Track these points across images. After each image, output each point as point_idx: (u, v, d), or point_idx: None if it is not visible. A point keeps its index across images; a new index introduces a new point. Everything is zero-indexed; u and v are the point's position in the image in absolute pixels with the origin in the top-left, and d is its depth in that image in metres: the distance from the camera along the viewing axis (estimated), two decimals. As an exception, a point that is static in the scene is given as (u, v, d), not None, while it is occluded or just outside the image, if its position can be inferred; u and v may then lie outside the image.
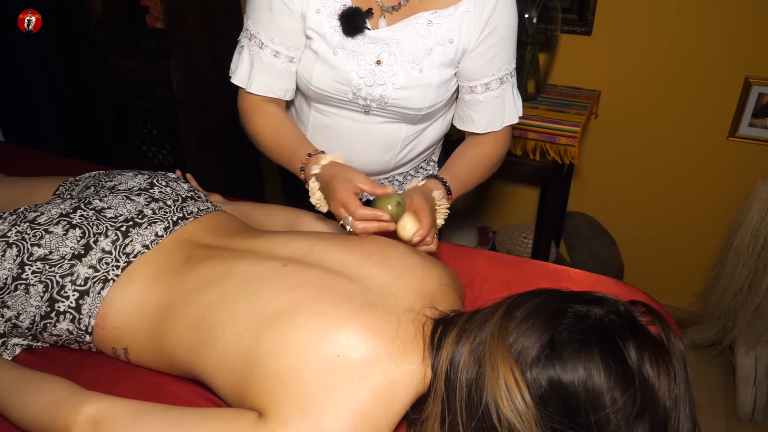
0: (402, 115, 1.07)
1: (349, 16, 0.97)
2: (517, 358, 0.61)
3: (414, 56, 1.00)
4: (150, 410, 0.71)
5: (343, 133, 1.11)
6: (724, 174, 1.90)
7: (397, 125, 1.10)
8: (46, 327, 0.86)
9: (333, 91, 1.04)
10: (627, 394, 0.57)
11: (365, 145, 1.12)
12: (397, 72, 1.01)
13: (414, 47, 1.00)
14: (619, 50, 1.87)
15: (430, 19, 0.99)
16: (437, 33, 1.00)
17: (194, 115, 2.21)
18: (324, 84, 1.03)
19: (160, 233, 0.92)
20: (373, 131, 1.10)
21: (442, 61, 1.02)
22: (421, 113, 1.06)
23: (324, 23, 0.98)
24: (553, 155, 1.70)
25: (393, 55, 1.00)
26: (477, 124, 1.10)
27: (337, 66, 1.00)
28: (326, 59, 1.01)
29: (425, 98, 1.04)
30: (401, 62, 1.01)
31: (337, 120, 1.10)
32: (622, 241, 2.17)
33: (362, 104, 1.05)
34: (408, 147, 1.15)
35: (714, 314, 1.95)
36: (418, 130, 1.13)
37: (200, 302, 0.79)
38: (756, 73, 1.74)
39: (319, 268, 0.79)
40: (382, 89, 1.01)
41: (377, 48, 1.00)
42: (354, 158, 1.12)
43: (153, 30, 2.06)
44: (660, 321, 0.64)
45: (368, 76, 1.00)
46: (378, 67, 1.00)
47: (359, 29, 0.98)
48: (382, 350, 0.68)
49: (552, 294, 0.68)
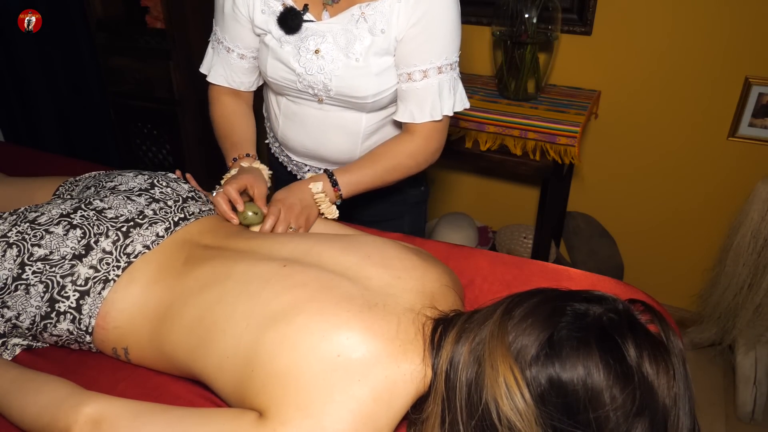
0: (351, 103, 1.11)
1: (284, 17, 1.06)
2: (517, 357, 0.61)
3: (348, 45, 1.06)
4: (150, 410, 0.71)
5: (308, 121, 1.18)
6: (724, 174, 1.90)
7: (355, 114, 1.14)
8: (47, 327, 0.86)
9: (284, 81, 1.12)
10: (626, 391, 0.57)
11: (328, 134, 1.18)
12: (335, 60, 1.07)
13: (349, 38, 1.06)
14: (619, 50, 1.87)
15: (363, 11, 1.04)
16: (369, 23, 1.05)
17: (194, 114, 2.21)
18: (276, 74, 1.12)
19: (161, 234, 0.92)
20: (333, 119, 1.15)
21: (376, 51, 1.06)
22: (368, 101, 1.10)
23: (269, 21, 1.09)
24: (553, 155, 1.70)
25: (329, 44, 1.07)
26: (402, 114, 1.11)
27: (283, 57, 1.09)
28: (275, 51, 1.10)
29: (367, 86, 1.08)
30: (337, 51, 1.07)
31: (302, 108, 1.17)
32: (622, 241, 2.17)
33: (311, 93, 1.12)
34: (373, 137, 1.18)
35: (714, 314, 1.95)
36: (378, 120, 1.17)
37: (200, 303, 0.79)
38: (756, 73, 1.74)
39: (319, 268, 0.79)
40: (323, 77, 1.08)
41: (317, 39, 1.07)
42: (320, 146, 1.20)
43: (153, 30, 2.06)
44: (659, 319, 0.64)
45: (308, 65, 1.08)
46: (317, 56, 1.07)
47: (293, 28, 1.07)
48: (382, 350, 0.68)
49: (551, 293, 0.68)
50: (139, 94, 2.21)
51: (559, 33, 1.83)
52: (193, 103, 2.18)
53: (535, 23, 1.74)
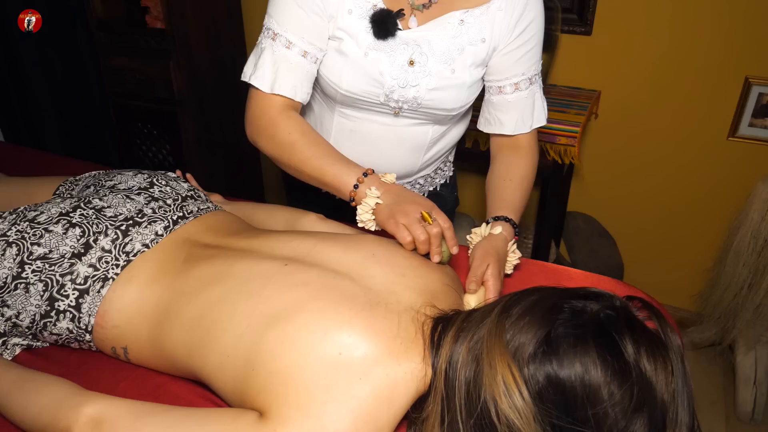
0: (433, 116, 1.05)
1: (381, 18, 0.94)
2: (514, 355, 0.61)
3: (446, 56, 0.99)
4: (150, 410, 0.71)
5: (370, 137, 1.08)
6: (724, 174, 1.90)
7: (425, 127, 1.08)
8: (46, 326, 0.86)
9: (364, 93, 1.01)
10: (624, 387, 0.57)
11: (392, 148, 1.09)
12: (430, 72, 0.99)
13: (446, 47, 0.98)
14: (619, 50, 1.87)
15: (462, 18, 0.98)
16: (469, 32, 0.98)
17: (194, 115, 2.21)
18: (355, 87, 1.00)
19: (160, 232, 0.92)
20: (400, 134, 1.07)
21: (474, 61, 1.00)
22: (453, 113, 1.05)
23: (356, 24, 0.96)
24: (553, 155, 1.70)
25: (425, 55, 0.98)
26: (506, 126, 1.08)
27: (369, 68, 0.98)
28: (356, 61, 0.98)
29: (458, 98, 1.02)
30: (434, 62, 0.98)
31: (363, 124, 1.07)
32: (622, 241, 2.17)
33: (393, 106, 1.02)
34: (434, 149, 1.14)
35: (714, 314, 1.95)
36: (443, 131, 1.12)
37: (200, 302, 0.79)
38: (756, 73, 1.74)
39: (320, 267, 0.79)
40: (415, 90, 0.99)
41: (409, 48, 0.97)
42: (380, 162, 1.10)
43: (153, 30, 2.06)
44: (657, 316, 0.64)
45: (401, 77, 0.98)
46: (411, 67, 0.98)
47: (390, 32, 0.95)
48: (383, 349, 0.68)
49: (548, 291, 0.68)
50: (139, 94, 2.21)
51: (559, 33, 1.83)
52: (193, 103, 2.18)
53: (535, 23, 1.74)
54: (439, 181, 1.29)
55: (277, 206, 1.15)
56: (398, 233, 0.87)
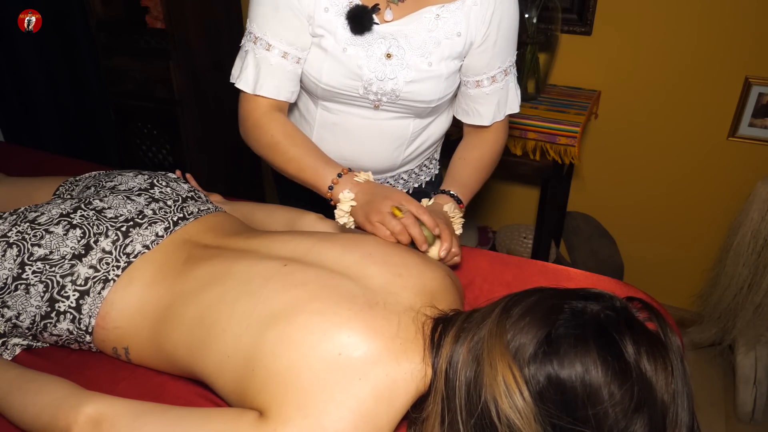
0: (412, 108, 1.07)
1: (356, 14, 0.97)
2: (515, 355, 0.62)
3: (423, 49, 1.01)
4: (150, 410, 0.71)
5: (352, 130, 1.11)
6: (724, 174, 1.90)
7: (405, 120, 1.10)
8: (47, 327, 0.86)
9: (343, 87, 1.03)
10: (624, 388, 0.57)
11: (374, 142, 1.12)
12: (408, 65, 1.01)
13: (423, 40, 1.01)
14: (619, 50, 1.87)
15: (437, 12, 1.00)
16: (445, 26, 1.00)
17: (194, 115, 2.21)
18: (334, 80, 1.02)
19: (161, 233, 0.92)
20: (382, 127, 1.10)
21: (450, 54, 1.03)
22: (431, 106, 1.07)
23: (333, 21, 0.98)
24: (553, 155, 1.70)
25: (402, 48, 1.00)
26: (484, 117, 1.12)
27: (347, 62, 1.00)
28: (336, 56, 1.00)
29: (435, 90, 1.04)
30: (411, 55, 1.01)
31: (345, 117, 1.09)
32: (622, 241, 2.17)
33: (372, 99, 1.04)
34: (415, 143, 1.16)
35: (714, 314, 1.95)
36: (424, 125, 1.14)
37: (200, 302, 0.79)
38: (756, 73, 1.74)
39: (320, 267, 0.79)
40: (393, 83, 1.02)
41: (386, 42, 1.00)
42: (362, 155, 1.13)
43: (153, 30, 2.06)
44: (656, 316, 0.64)
45: (379, 69, 1.01)
46: (388, 60, 1.00)
47: (366, 27, 0.98)
48: (383, 349, 0.68)
49: (548, 291, 0.68)
50: (139, 94, 2.21)
51: (559, 33, 1.84)
52: (193, 103, 2.18)
53: (535, 23, 1.74)
54: (425, 178, 1.30)
55: (276, 206, 1.16)
56: (376, 232, 0.90)
